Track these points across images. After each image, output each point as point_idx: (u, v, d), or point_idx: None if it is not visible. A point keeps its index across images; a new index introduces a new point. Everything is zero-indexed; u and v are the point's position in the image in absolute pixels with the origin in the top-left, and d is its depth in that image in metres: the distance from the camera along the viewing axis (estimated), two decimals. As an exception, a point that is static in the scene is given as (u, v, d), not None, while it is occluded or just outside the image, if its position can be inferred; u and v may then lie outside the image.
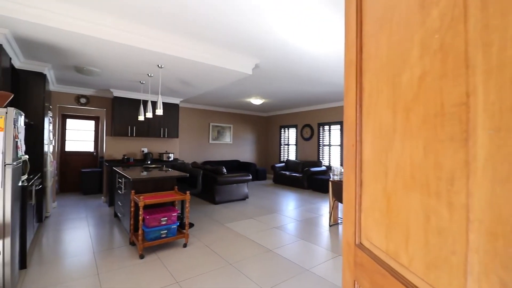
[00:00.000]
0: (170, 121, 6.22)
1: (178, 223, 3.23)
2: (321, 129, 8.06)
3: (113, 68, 3.90)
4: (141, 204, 2.84)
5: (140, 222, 2.85)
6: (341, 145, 7.39)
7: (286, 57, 3.65)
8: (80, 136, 6.83)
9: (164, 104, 6.08)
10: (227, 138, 8.93)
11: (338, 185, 3.89)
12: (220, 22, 2.68)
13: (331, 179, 4.32)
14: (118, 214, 3.98)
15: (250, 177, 5.76)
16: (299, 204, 5.47)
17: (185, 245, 3.16)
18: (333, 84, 5.21)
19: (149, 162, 5.69)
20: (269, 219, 4.38)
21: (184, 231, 3.25)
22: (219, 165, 8.12)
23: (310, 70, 4.22)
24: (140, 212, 2.86)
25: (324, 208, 5.18)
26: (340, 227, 4.00)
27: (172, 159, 6.08)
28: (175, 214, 3.15)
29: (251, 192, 6.67)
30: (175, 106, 6.32)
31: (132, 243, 3.17)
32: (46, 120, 3.95)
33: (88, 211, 4.67)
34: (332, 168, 4.37)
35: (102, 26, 2.67)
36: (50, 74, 4.13)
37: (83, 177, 6.19)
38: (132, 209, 3.16)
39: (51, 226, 3.80)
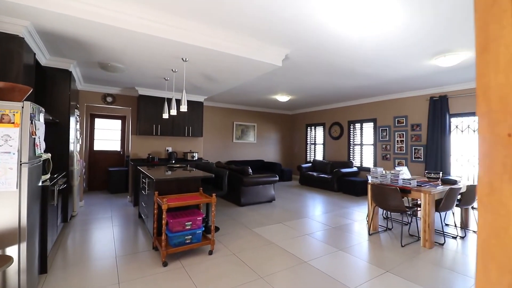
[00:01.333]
0: (194, 119, 6.06)
1: (203, 228, 2.98)
2: (351, 127, 7.51)
3: (137, 63, 3.76)
4: (164, 206, 2.62)
5: (164, 226, 2.64)
6: (375, 144, 6.81)
7: (321, 46, 3.27)
8: (108, 135, 6.91)
9: (188, 102, 5.93)
10: (251, 137, 8.66)
11: (380, 189, 3.43)
12: (249, 4, 2.37)
13: (369, 181, 3.86)
14: (142, 215, 3.84)
15: (277, 178, 5.42)
16: (329, 208, 5.04)
17: (210, 252, 2.90)
18: (370, 77, 4.71)
19: (173, 161, 5.56)
20: (299, 224, 4.01)
21: (210, 236, 3.00)
22: (243, 165, 7.87)
23: (347, 60, 3.79)
24: (164, 216, 2.65)
25: (357, 213, 4.71)
26: (382, 236, 3.54)
27: (196, 158, 5.92)
28: (200, 218, 2.90)
29: (277, 194, 6.33)
30: (199, 104, 6.15)
31: (155, 248, 2.97)
32: (72, 119, 3.90)
33: (114, 211, 4.61)
34: (371, 169, 3.91)
35: (124, 15, 2.48)
36: (76, 72, 4.09)
37: (110, 176, 6.22)
38: (155, 211, 2.96)
39: (76, 226, 3.74)
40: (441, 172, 4.03)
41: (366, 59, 3.77)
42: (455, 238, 3.53)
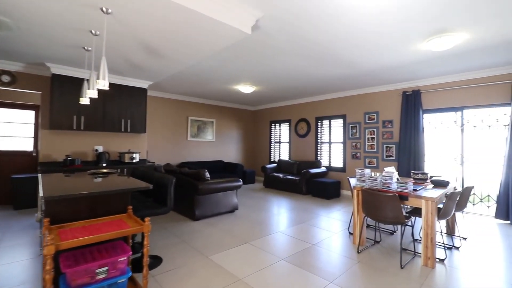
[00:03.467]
0: (134, 111, 4.77)
1: (130, 272, 1.89)
2: (319, 124, 6.96)
3: (34, 17, 2.46)
4: (49, 249, 1.48)
5: (54, 277, 1.49)
6: (344, 142, 6.33)
7: (302, 11, 2.43)
8: (14, 130, 5.15)
9: (125, 87, 4.63)
10: (209, 135, 7.57)
11: (373, 197, 2.73)
12: None
13: (354, 185, 3.17)
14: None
15: (241, 183, 4.48)
16: (302, 217, 4.28)
17: (142, 311, 1.83)
18: (346, 63, 4.07)
19: (103, 164, 4.22)
20: (271, 243, 3.13)
21: (141, 284, 1.92)
22: (200, 167, 6.75)
23: (327, 36, 3.03)
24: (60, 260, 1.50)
25: (334, 222, 4.03)
26: (373, 253, 2.85)
27: (137, 160, 4.65)
28: (125, 258, 1.80)
29: (240, 201, 5.38)
30: (142, 91, 4.88)
31: (46, 312, 1.78)
32: None
33: (7, 238, 3.14)
34: (357, 171, 3.22)
35: None
36: None
37: (15, 185, 4.56)
38: (44, 251, 1.77)
39: None
40: (428, 173, 3.55)
41: (348, 36, 3.05)
42: (450, 249, 3.03)
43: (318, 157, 6.93)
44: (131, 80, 4.68)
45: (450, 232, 3.53)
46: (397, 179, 2.91)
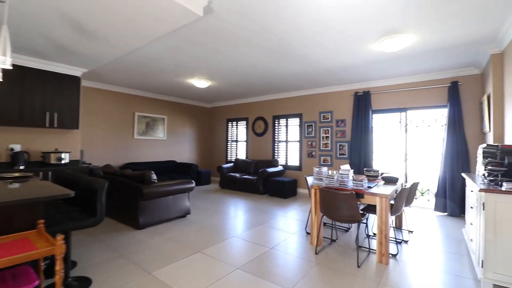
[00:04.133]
0: (63, 103, 4.02)
1: (37, 308, 1.43)
2: (276, 122, 6.90)
3: None
4: None
5: None
6: (300, 141, 6.37)
7: (261, -9, 2.21)
8: None
9: (50, 74, 3.87)
10: (160, 133, 6.95)
11: (331, 196, 2.66)
12: None
13: (312, 184, 3.08)
14: None
15: (193, 185, 4.10)
16: (259, 218, 4.10)
17: None
18: (306, 60, 4.01)
19: (21, 167, 3.45)
20: (225, 249, 2.86)
21: (54, 321, 1.47)
22: (148, 169, 6.13)
23: (285, 27, 2.88)
24: None
25: (292, 221, 3.94)
26: (331, 253, 2.79)
27: (67, 161, 3.92)
28: (25, 291, 1.35)
29: (193, 204, 4.98)
30: (73, 80, 4.14)
31: None
32: None
33: None
34: (314, 170, 3.13)
35: None
36: None
37: None
38: None
39: None
40: (379, 170, 3.66)
41: (308, 32, 2.95)
42: (400, 243, 3.14)
43: (276, 156, 6.87)
44: (59, 66, 3.93)
45: (399, 226, 3.70)
46: (353, 177, 2.91)
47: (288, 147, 6.65)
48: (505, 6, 2.41)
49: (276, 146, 6.89)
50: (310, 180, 3.45)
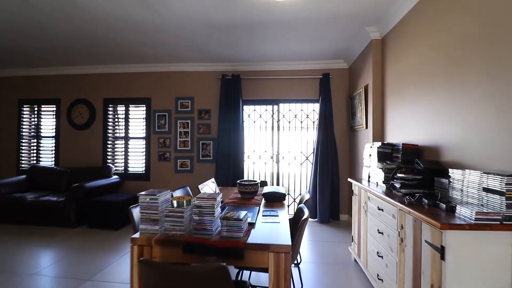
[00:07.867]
0: None
1: None
2: (110, 110, 4.57)
3: None
4: None
5: None
6: (148, 138, 4.42)
7: None
8: None
9: None
10: None
11: (169, 277, 1.05)
12: None
13: (141, 231, 1.37)
14: None
15: None
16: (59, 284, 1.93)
17: None
18: (141, -9, 2.21)
19: None
20: None
21: None
22: None
23: None
24: None
25: (119, 279, 2.06)
26: None
27: None
28: None
29: None
30: None
31: None
32: None
33: None
34: (145, 198, 1.42)
35: None
36: None
37: None
38: None
39: None
40: (258, 182, 2.44)
41: None
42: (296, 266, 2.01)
43: (109, 161, 4.53)
44: None
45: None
46: (222, 204, 1.47)
47: (129, 146, 4.51)
48: None
49: (109, 145, 4.55)
50: (135, 214, 1.68)
